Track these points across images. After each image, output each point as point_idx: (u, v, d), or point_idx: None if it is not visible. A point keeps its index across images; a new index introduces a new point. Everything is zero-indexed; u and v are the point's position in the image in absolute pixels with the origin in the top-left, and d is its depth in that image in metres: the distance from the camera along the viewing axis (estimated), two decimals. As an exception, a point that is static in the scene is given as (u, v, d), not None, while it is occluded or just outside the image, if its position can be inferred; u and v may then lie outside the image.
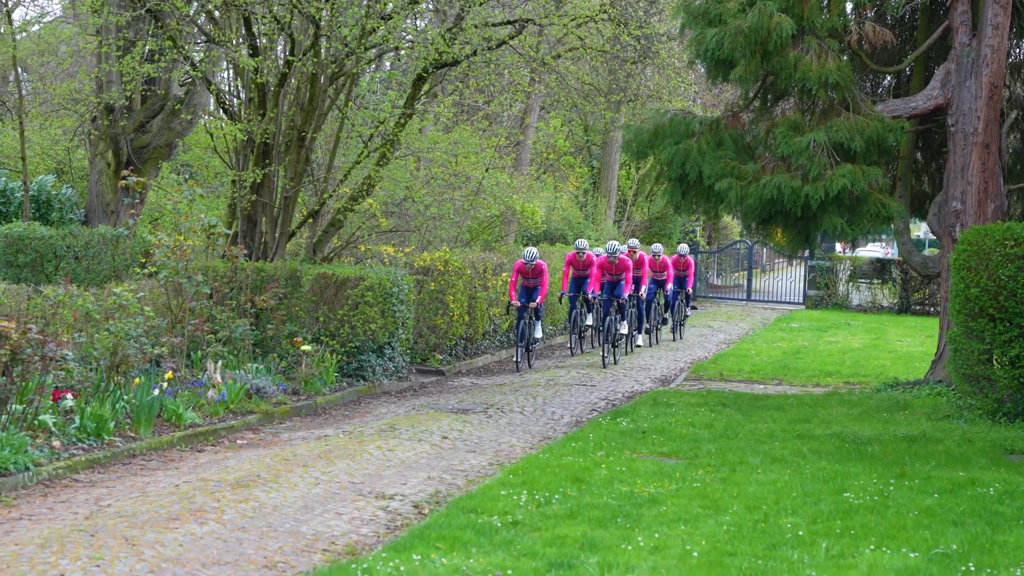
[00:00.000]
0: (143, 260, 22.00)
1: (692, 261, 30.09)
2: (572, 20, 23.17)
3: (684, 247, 28.80)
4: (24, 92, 34.11)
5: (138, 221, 26.61)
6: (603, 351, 25.57)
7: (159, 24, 22.66)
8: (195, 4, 23.18)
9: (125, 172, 24.81)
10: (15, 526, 10.98)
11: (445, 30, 23.07)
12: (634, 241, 27.29)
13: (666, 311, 29.86)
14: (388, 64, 25.09)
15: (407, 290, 21.79)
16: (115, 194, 27.55)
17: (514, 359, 24.98)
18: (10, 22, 35.00)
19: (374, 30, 21.84)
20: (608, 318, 24.93)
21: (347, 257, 23.42)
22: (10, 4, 38.78)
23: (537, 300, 24.05)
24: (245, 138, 22.82)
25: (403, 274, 21.84)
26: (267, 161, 22.39)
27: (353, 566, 9.48)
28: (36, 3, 44.75)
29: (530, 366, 24.70)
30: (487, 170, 26.76)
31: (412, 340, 23.45)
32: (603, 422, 17.58)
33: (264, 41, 22.63)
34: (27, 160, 29.27)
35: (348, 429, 17.07)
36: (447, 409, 18.92)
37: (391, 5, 22.84)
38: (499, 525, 11.12)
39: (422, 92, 24.32)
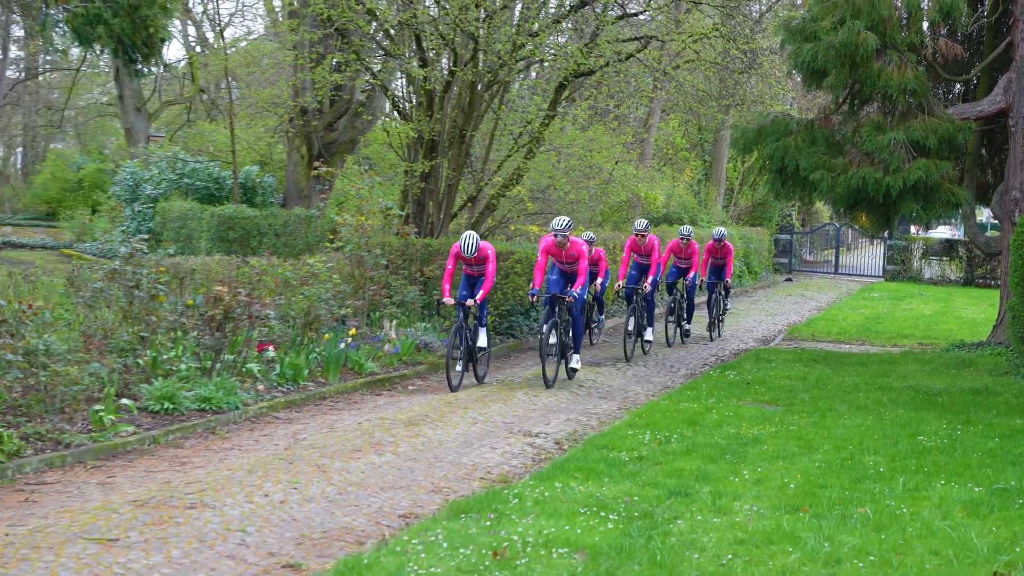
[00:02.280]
0: (331, 236, 25.14)
1: (731, 247, 24.53)
2: (689, 37, 24.74)
3: (720, 230, 23.62)
4: (234, 97, 37.76)
5: (327, 204, 30.01)
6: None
7: (345, 40, 25.35)
8: (375, 23, 25.54)
9: (316, 163, 28.59)
10: (227, 455, 13.14)
11: (583, 45, 24.99)
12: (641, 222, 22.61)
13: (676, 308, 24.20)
14: (534, 73, 27.13)
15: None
16: (308, 182, 31.51)
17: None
18: (222, 39, 39.34)
19: (523, 45, 24.21)
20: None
21: (499, 235, 25.68)
22: (223, 24, 42.07)
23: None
24: (415, 136, 25.62)
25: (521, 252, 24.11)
26: (433, 155, 25.13)
27: (505, 492, 11.06)
28: (244, 23, 46.77)
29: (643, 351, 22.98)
30: (616, 163, 28.79)
31: None
32: (714, 375, 19.95)
33: (432, 54, 24.99)
34: (236, 153, 33.52)
35: (500, 378, 19.40)
36: (583, 363, 20.45)
37: (537, 24, 24.76)
38: (627, 459, 12.59)
39: (562, 97, 25.80)
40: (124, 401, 14.23)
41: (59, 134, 56.07)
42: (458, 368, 17.74)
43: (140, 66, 20.52)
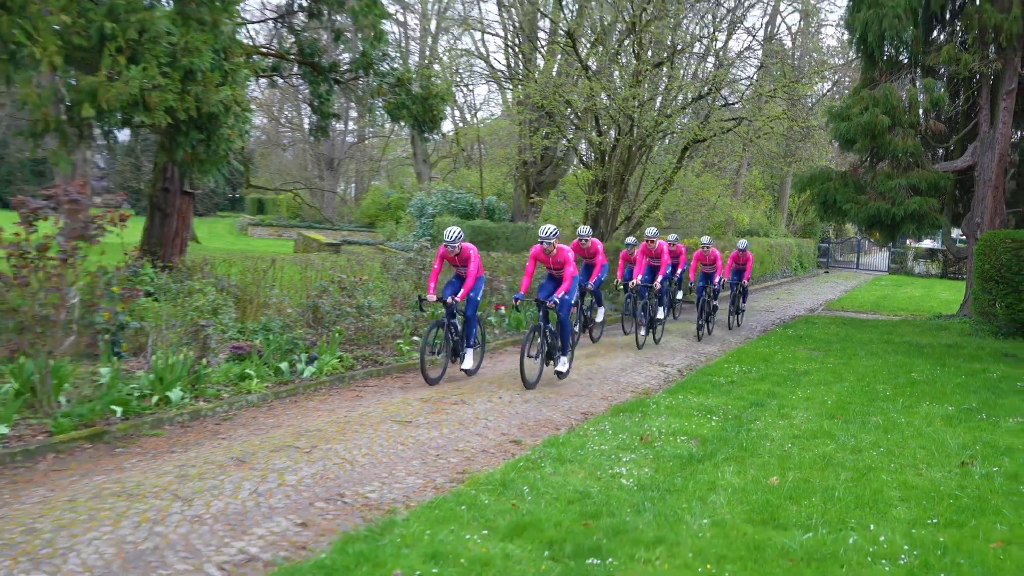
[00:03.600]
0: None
1: (751, 256, 21.18)
2: (767, 118, 24.88)
3: (743, 242, 20.73)
4: (482, 154, 38.10)
5: (538, 219, 30.77)
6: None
7: (551, 118, 25.98)
8: (569, 109, 25.57)
9: (532, 195, 30.07)
10: (479, 372, 13.34)
11: (699, 123, 25.68)
12: (652, 230, 18.51)
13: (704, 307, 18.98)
14: (667, 140, 27.30)
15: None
16: (526, 206, 32.18)
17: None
18: (475, 118, 40.89)
19: (661, 123, 24.73)
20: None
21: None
22: (476, 109, 44.40)
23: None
24: (592, 178, 25.92)
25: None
26: (604, 190, 25.51)
27: (647, 400, 11.24)
28: (489, 108, 48.19)
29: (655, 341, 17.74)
30: (718, 197, 29.20)
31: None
32: (778, 331, 20.15)
33: (604, 127, 25.38)
34: (483, 188, 34.69)
35: (611, 340, 18.54)
36: (692, 320, 20.58)
37: (671, 110, 25.36)
38: (723, 382, 12.78)
39: (685, 155, 26.10)
40: (415, 337, 14.78)
41: (376, 176, 58.64)
42: (438, 356, 12.81)
43: (427, 134, 21.72)
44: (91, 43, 11.79)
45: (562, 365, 13.03)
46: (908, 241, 45.64)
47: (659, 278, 17.22)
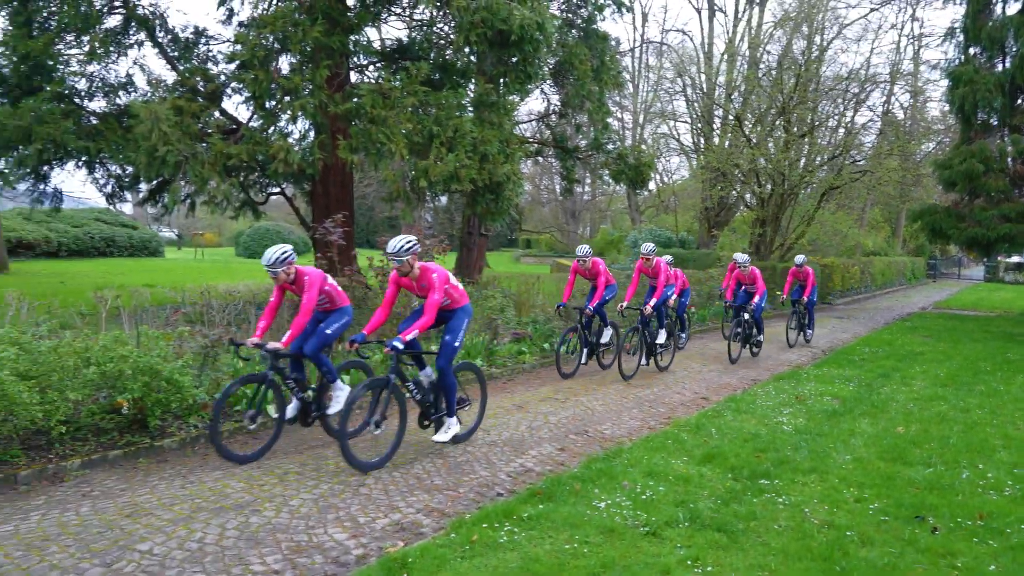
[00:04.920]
0: (718, 258, 24.53)
1: (811, 271, 14.30)
2: (886, 170, 23.47)
3: (800, 257, 14.21)
4: (676, 203, 38.14)
5: (715, 247, 30.01)
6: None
7: (724, 177, 24.99)
8: (737, 170, 24.61)
9: (712, 230, 29.27)
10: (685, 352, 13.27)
11: (833, 176, 24.30)
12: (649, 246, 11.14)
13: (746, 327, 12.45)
14: (810, 188, 25.59)
15: (817, 270, 21.98)
16: (708, 238, 31.15)
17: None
18: (670, 179, 40.21)
19: (805, 176, 23.95)
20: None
21: (791, 260, 22.50)
22: (672, 174, 42.77)
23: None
24: (755, 217, 25.46)
25: (815, 267, 22.20)
26: (763, 225, 24.70)
27: (800, 371, 10.79)
28: (679, 172, 45.96)
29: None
30: (849, 228, 27.23)
31: (820, 288, 22.21)
32: (898, 323, 18.80)
33: (763, 180, 24.64)
34: (677, 226, 35.58)
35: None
36: (832, 316, 20.24)
37: (812, 167, 24.43)
38: (856, 359, 12.00)
39: (823, 198, 24.90)
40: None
41: (604, 220, 58.33)
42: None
43: (638, 191, 21.88)
44: (424, 140, 12.57)
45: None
46: (1000, 257, 40.93)
47: (653, 300, 10.75)
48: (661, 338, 11.05)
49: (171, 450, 6.24)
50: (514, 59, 13.50)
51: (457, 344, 6.33)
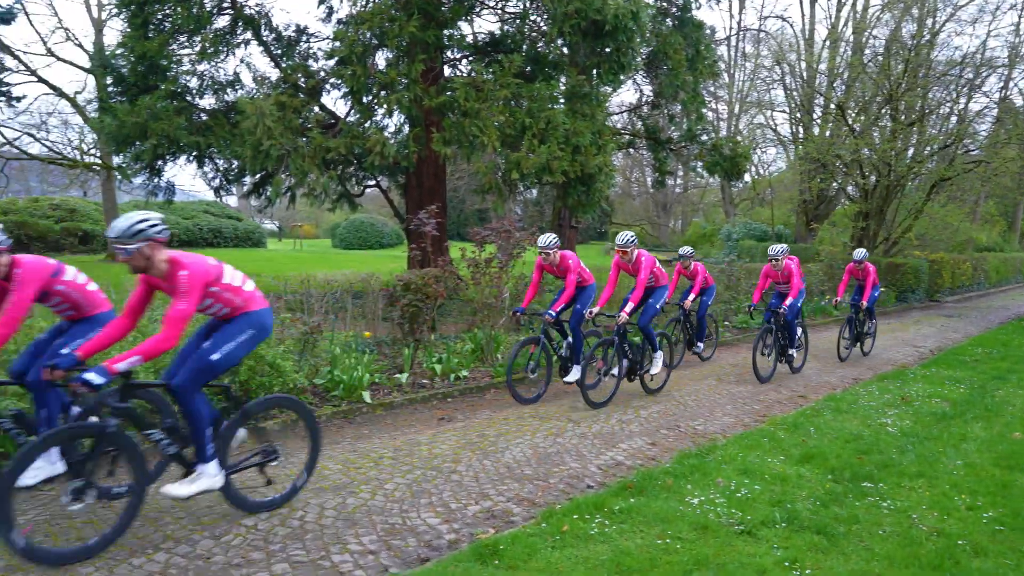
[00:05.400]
0: (817, 253, 22.23)
1: (872, 268, 11.91)
2: (1003, 160, 22.05)
3: (861, 252, 11.80)
4: (772, 195, 36.51)
5: (814, 241, 28.37)
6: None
7: (824, 168, 23.87)
8: (839, 161, 23.36)
9: (810, 224, 28.12)
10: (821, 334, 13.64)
11: (945, 165, 23.11)
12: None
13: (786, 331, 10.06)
14: (918, 180, 24.31)
15: (925, 266, 22.03)
16: (806, 232, 29.85)
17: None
18: (766, 171, 39.15)
19: (913, 167, 22.59)
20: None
21: (896, 255, 22.95)
22: (768, 166, 43.24)
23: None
24: (858, 210, 24.20)
25: (923, 262, 22.24)
26: (866, 219, 23.44)
27: (906, 371, 10.26)
28: (775, 163, 44.18)
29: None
30: (960, 221, 25.62)
31: (927, 285, 22.36)
32: (1013, 323, 17.62)
33: (866, 171, 23.35)
34: (773, 219, 34.20)
35: (899, 320, 17.76)
36: (941, 315, 19.25)
37: (921, 158, 23.03)
38: (968, 360, 11.40)
39: (933, 190, 23.33)
40: (726, 323, 14.04)
41: (696, 214, 57.33)
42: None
43: (733, 183, 21.37)
44: (516, 132, 12.63)
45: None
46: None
47: (629, 306, 8.26)
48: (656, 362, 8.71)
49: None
50: (607, 49, 13.39)
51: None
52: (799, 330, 10.21)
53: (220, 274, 4.37)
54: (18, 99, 20.63)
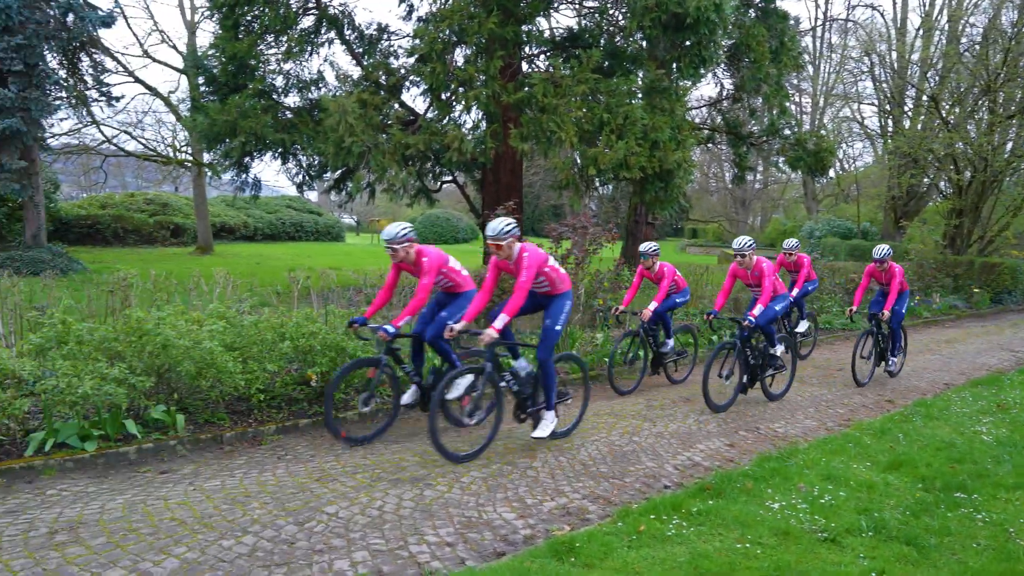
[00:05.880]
0: (906, 252, 20.87)
1: (899, 269, 9.33)
2: None
3: (882, 248, 9.34)
4: (858, 191, 35.72)
5: (903, 240, 27.05)
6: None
7: (915, 163, 23.03)
8: (931, 155, 22.30)
9: (899, 221, 27.31)
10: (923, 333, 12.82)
11: None
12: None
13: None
14: (1016, 175, 23.10)
15: (1023, 266, 20.86)
16: (894, 229, 28.77)
17: None
18: (852, 166, 37.90)
19: (1012, 162, 21.67)
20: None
21: (992, 255, 22.31)
22: (854, 160, 41.75)
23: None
24: (951, 207, 23.07)
25: (1021, 263, 21.03)
26: (959, 216, 22.42)
27: (1001, 377, 9.67)
28: (862, 158, 43.06)
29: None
30: None
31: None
32: None
33: (961, 166, 22.32)
34: (859, 216, 32.81)
35: (994, 323, 16.89)
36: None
37: (1020, 151, 21.77)
38: None
39: None
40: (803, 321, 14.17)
41: (775, 210, 55.75)
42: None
43: (816, 178, 20.77)
44: (594, 127, 12.57)
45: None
46: None
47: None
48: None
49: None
50: (688, 43, 13.16)
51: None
52: (902, 335, 9.81)
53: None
54: (117, 99, 21.68)
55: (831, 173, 33.50)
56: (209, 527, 4.37)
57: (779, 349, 8.23)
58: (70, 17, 19.16)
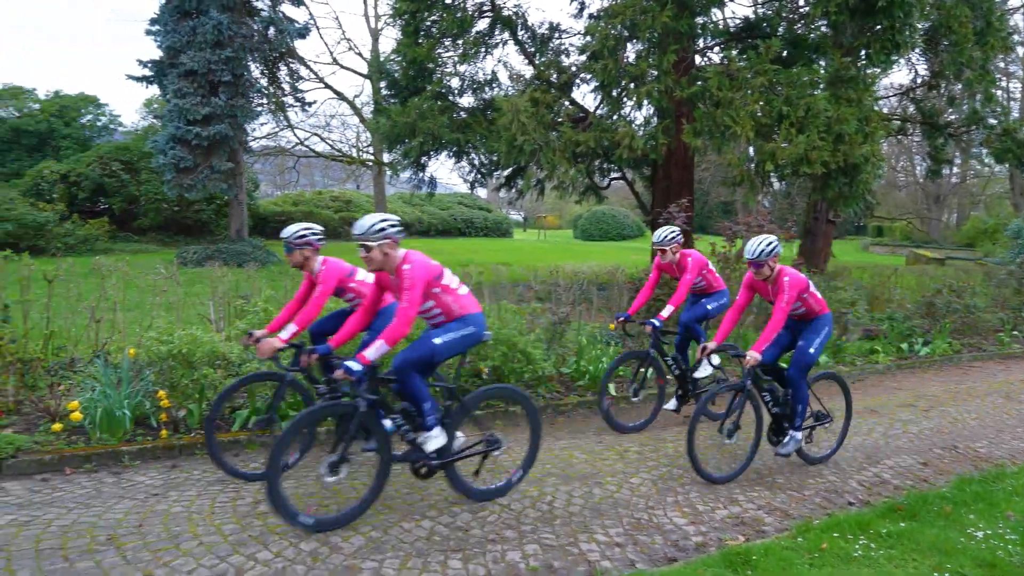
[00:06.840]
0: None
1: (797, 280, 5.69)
2: None
3: (751, 246, 5.45)
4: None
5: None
6: None
7: None
8: None
9: None
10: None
11: None
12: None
13: None
14: None
15: None
16: None
17: None
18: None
19: None
20: None
21: None
22: None
23: None
24: None
25: None
26: None
27: None
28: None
29: None
30: None
31: None
32: None
33: None
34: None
35: None
36: None
37: None
38: None
39: None
40: (1015, 332, 12.48)
41: (975, 207, 50.71)
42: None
43: None
44: (772, 121, 12.01)
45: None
46: None
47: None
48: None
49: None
50: (878, 27, 12.24)
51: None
52: None
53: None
54: (310, 104, 23.41)
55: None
56: (391, 509, 4.61)
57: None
58: (271, 30, 20.94)
